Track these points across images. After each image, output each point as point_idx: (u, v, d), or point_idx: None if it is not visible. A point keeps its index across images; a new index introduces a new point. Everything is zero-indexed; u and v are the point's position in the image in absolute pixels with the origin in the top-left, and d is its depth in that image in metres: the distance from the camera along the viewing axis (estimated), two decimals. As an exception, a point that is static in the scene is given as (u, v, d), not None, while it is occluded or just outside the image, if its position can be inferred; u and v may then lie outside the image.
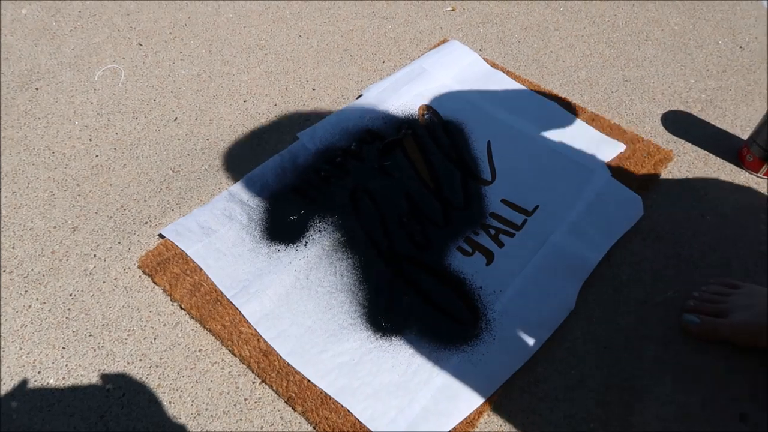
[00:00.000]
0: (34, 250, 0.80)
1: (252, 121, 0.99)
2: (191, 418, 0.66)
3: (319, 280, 0.77)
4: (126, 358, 0.70)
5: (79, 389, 0.68)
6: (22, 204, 0.86)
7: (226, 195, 0.86)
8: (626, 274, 0.79)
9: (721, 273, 0.79)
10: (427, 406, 0.66)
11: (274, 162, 0.90)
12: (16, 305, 0.75)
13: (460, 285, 0.77)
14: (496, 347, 0.71)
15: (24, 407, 0.66)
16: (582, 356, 0.72)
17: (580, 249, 0.80)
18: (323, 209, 0.84)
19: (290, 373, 0.68)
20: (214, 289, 0.75)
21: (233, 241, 0.80)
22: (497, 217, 0.84)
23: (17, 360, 0.70)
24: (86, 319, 0.74)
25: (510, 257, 0.80)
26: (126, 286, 0.77)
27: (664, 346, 0.73)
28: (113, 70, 1.08)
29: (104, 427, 0.65)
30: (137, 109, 1.01)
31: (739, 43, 1.17)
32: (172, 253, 0.78)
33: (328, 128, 0.95)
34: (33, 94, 1.03)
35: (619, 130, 0.97)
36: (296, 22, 1.20)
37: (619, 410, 0.67)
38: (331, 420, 0.65)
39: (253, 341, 0.71)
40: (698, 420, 0.66)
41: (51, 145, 0.94)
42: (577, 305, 0.75)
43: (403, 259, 0.79)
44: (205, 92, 1.04)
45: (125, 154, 0.93)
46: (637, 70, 1.10)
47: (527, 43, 1.16)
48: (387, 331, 0.72)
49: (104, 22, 1.18)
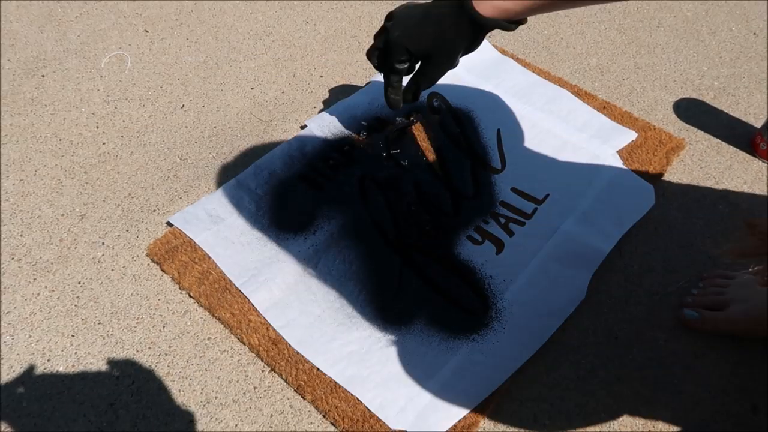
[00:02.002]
0: (42, 238, 0.80)
1: (259, 108, 0.99)
2: (201, 406, 0.66)
3: (327, 269, 0.76)
4: (135, 346, 0.70)
5: (88, 377, 0.68)
6: (29, 192, 0.86)
7: (234, 183, 0.85)
8: (637, 264, 0.79)
9: (735, 264, 0.78)
10: (438, 395, 0.65)
11: (282, 150, 0.90)
12: (24, 293, 0.75)
13: (469, 274, 0.76)
14: (506, 336, 0.70)
15: (34, 395, 0.66)
16: (592, 346, 0.71)
17: (591, 238, 0.79)
18: (331, 197, 0.84)
19: (299, 362, 0.68)
20: (222, 278, 0.75)
21: (241, 230, 0.80)
22: (507, 205, 0.83)
23: (27, 348, 0.70)
24: (95, 307, 0.74)
25: (520, 246, 0.79)
26: (134, 274, 0.77)
27: (675, 336, 0.72)
28: (119, 57, 1.07)
29: (114, 414, 0.65)
30: (144, 97, 1.00)
31: (753, 30, 1.15)
32: (181, 241, 0.78)
33: (336, 116, 0.94)
34: (39, 81, 1.02)
35: (631, 118, 0.96)
36: (303, 8, 1.19)
37: (630, 400, 0.67)
38: (341, 408, 0.65)
39: (262, 330, 0.71)
40: (709, 411, 0.66)
41: (58, 133, 0.94)
42: (588, 295, 0.74)
43: (412, 248, 0.79)
44: (212, 79, 1.04)
45: (132, 142, 0.93)
46: (648, 57, 1.09)
47: (537, 29, 1.14)
48: (396, 321, 0.72)
49: (110, 8, 1.17)
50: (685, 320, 0.72)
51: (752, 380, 0.68)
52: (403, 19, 0.68)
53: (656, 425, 0.65)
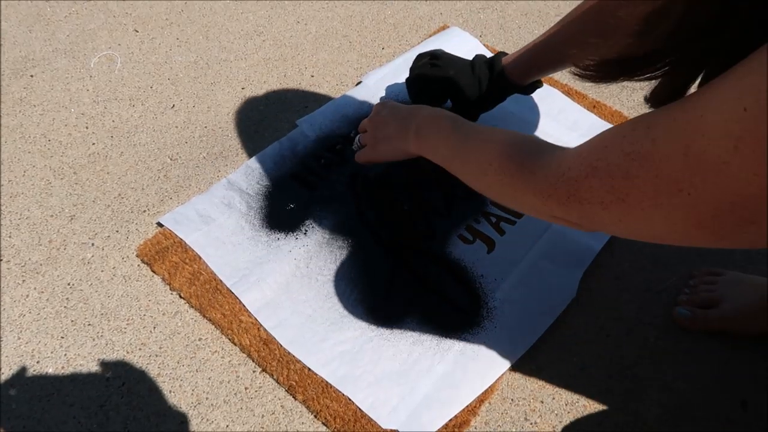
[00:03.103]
0: (31, 239, 0.80)
1: (250, 108, 0.98)
2: (192, 407, 0.66)
3: (319, 269, 0.76)
4: (125, 347, 0.70)
5: (78, 379, 0.67)
6: (18, 192, 0.85)
7: (225, 183, 0.85)
8: (628, 262, 0.79)
9: (724, 260, 0.79)
10: (429, 394, 0.65)
11: (273, 149, 0.89)
12: (13, 294, 0.74)
13: (461, 273, 0.76)
14: (498, 335, 0.71)
15: (23, 397, 0.66)
16: (584, 344, 0.71)
17: (582, 237, 0.80)
18: (323, 197, 0.84)
19: (291, 362, 0.68)
20: (213, 278, 0.75)
21: (232, 230, 0.79)
22: (498, 204, 0.83)
23: (16, 349, 0.69)
24: (85, 308, 0.73)
25: (511, 245, 0.79)
26: (125, 275, 0.76)
27: (666, 333, 0.72)
28: (109, 57, 1.07)
29: (104, 416, 0.65)
30: (134, 97, 1.00)
31: (741, 29, 1.16)
32: (171, 241, 0.78)
33: (327, 115, 0.94)
34: (28, 82, 1.01)
35: (621, 117, 0.96)
36: (294, 8, 1.18)
37: (621, 397, 0.67)
38: (333, 408, 0.65)
39: (253, 330, 0.70)
40: (699, 407, 0.66)
41: (47, 133, 0.93)
42: (579, 293, 0.75)
43: (404, 247, 0.79)
44: (203, 79, 1.03)
45: (122, 142, 0.92)
46: (638, 56, 1.09)
47: (528, 29, 1.15)
48: (388, 320, 0.72)
49: (99, 7, 1.16)
50: (678, 318, 0.73)
51: (742, 376, 0.69)
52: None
53: (647, 422, 0.65)
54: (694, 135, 0.34)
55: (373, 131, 0.77)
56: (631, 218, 0.41)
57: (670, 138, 0.36)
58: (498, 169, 0.55)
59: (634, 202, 0.39)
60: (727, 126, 0.32)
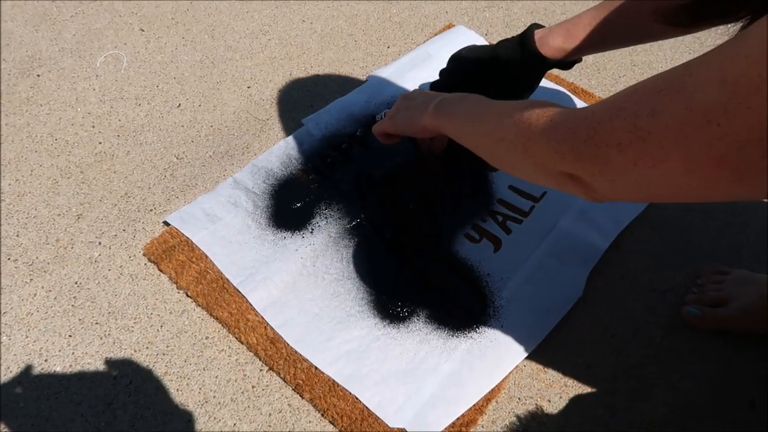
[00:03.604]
0: (39, 238, 0.80)
1: (256, 107, 0.99)
2: (199, 405, 0.66)
3: (325, 268, 0.76)
4: (132, 345, 0.70)
5: (86, 377, 0.68)
6: (25, 191, 0.85)
7: (231, 182, 0.85)
8: (634, 261, 0.79)
9: (731, 260, 0.79)
10: (436, 393, 0.66)
11: (279, 148, 0.89)
12: (21, 293, 0.74)
13: (467, 272, 0.76)
14: (504, 334, 0.70)
15: (31, 395, 0.66)
16: (590, 343, 0.71)
17: (588, 235, 0.80)
18: (329, 196, 0.84)
19: (298, 361, 0.68)
20: (220, 277, 0.75)
21: (239, 229, 0.80)
22: (505, 203, 0.83)
23: (24, 348, 0.70)
24: (92, 307, 0.73)
25: (517, 244, 0.79)
26: (132, 273, 0.77)
27: (672, 333, 0.72)
28: (115, 56, 1.07)
29: (111, 414, 0.65)
30: (140, 96, 1.00)
31: (748, 27, 1.15)
32: (178, 240, 0.78)
33: (333, 114, 0.94)
34: (34, 81, 1.02)
35: (627, 115, 0.96)
36: (299, 7, 1.18)
37: (627, 397, 0.67)
38: (340, 407, 0.65)
39: (260, 329, 0.71)
40: (707, 407, 0.66)
41: (54, 132, 0.93)
42: (585, 292, 0.75)
43: (410, 246, 0.79)
44: (209, 78, 1.03)
45: (129, 141, 0.93)
46: (645, 55, 1.09)
47: (533, 27, 1.14)
48: (394, 319, 0.72)
49: (105, 7, 1.17)
50: (687, 317, 0.73)
51: (749, 376, 0.68)
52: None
53: (653, 421, 0.65)
54: (735, 57, 0.33)
55: (399, 102, 0.74)
56: (647, 161, 0.38)
57: (707, 66, 0.35)
58: (517, 121, 0.51)
59: (654, 140, 0.37)
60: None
